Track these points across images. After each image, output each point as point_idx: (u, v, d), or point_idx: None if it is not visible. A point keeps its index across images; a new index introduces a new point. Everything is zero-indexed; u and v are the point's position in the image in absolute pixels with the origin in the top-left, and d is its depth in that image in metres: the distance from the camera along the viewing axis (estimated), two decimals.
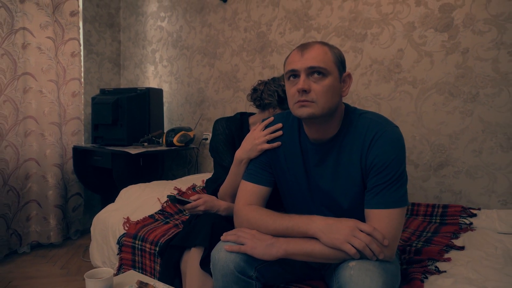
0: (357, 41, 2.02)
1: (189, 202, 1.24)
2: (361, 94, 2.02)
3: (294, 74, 1.01)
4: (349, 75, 1.05)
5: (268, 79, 1.41)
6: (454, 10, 1.74)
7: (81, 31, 2.90)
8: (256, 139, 1.15)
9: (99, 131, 2.55)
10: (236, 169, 1.21)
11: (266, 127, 1.18)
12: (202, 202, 1.24)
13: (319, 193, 1.12)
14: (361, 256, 0.92)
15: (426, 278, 1.14)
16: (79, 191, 2.79)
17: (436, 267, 1.22)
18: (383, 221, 0.95)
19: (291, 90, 1.02)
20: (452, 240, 1.44)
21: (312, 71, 0.98)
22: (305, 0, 2.19)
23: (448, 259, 1.27)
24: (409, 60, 1.87)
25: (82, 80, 2.84)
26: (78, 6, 2.75)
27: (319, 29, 2.14)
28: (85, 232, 2.91)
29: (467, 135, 1.74)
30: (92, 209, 3.03)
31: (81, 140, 2.79)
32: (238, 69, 2.50)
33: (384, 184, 0.97)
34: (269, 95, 1.34)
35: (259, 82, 1.43)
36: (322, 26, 2.12)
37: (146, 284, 1.05)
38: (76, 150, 2.63)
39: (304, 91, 0.98)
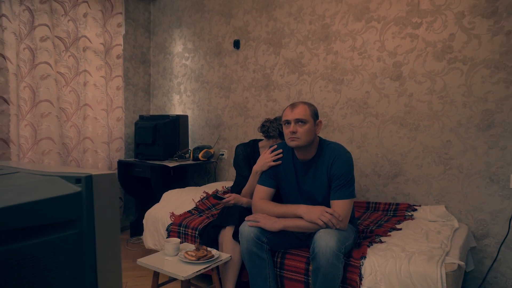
0: (337, 84, 2.75)
1: (224, 198, 1.96)
2: (340, 123, 2.75)
3: (287, 122, 1.74)
4: (320, 121, 1.78)
5: (272, 119, 2.14)
6: (402, 66, 2.48)
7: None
8: (266, 159, 1.87)
9: (140, 149, 3.28)
10: (253, 178, 1.93)
11: (272, 151, 1.91)
12: (232, 198, 1.96)
13: (304, 192, 1.84)
14: (327, 227, 1.63)
15: (372, 245, 1.85)
16: (120, 195, 3.50)
17: (380, 239, 1.92)
18: (339, 206, 1.67)
19: (286, 131, 1.75)
20: (395, 225, 2.15)
21: (298, 120, 1.71)
22: (299, 52, 2.93)
23: (389, 235, 1.98)
24: (373, 99, 2.60)
25: (123, 107, 3.57)
26: (122, 50, 3.51)
27: (309, 74, 2.88)
28: (124, 229, 3.61)
29: (413, 154, 2.46)
30: (128, 211, 3.74)
31: (122, 155, 3.51)
32: (248, 101, 3.24)
33: (340, 185, 1.69)
34: (273, 130, 2.07)
35: (266, 119, 2.16)
36: (312, 72, 2.86)
37: (202, 245, 1.76)
38: (120, 163, 3.35)
39: (293, 132, 1.71)
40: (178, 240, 1.81)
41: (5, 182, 0.79)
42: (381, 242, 1.89)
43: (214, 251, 1.78)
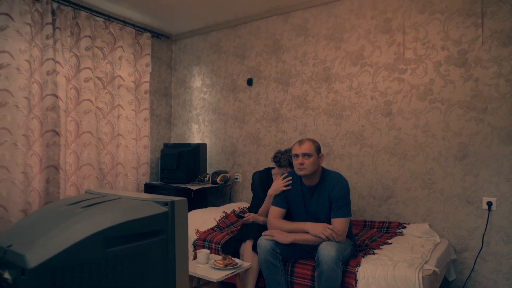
0: (337, 118, 3.21)
1: (244, 217, 2.39)
2: (340, 152, 3.19)
3: (296, 155, 2.19)
4: (323, 155, 2.23)
5: (283, 151, 2.59)
6: (392, 104, 2.94)
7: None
8: (279, 185, 2.31)
9: (165, 173, 3.73)
10: (268, 200, 2.37)
11: (284, 178, 2.35)
12: (251, 217, 2.39)
13: (309, 212, 2.27)
14: (328, 240, 2.05)
15: (366, 255, 2.26)
16: None
17: (373, 251, 2.33)
18: (338, 223, 2.09)
19: (295, 162, 2.20)
20: (387, 240, 2.56)
21: (304, 154, 2.16)
22: (304, 90, 3.41)
23: (381, 248, 2.39)
24: (368, 132, 3.05)
25: (149, 136, 4.05)
26: (149, 86, 4.02)
27: (313, 109, 3.34)
28: None
29: (402, 179, 2.88)
30: None
31: (148, 178, 3.96)
32: (260, 131, 3.70)
33: (338, 206, 2.12)
34: (284, 160, 2.52)
35: (278, 151, 2.61)
36: (315, 108, 3.33)
37: (227, 255, 2.18)
38: (147, 185, 3.80)
39: (301, 164, 2.15)
40: (208, 251, 2.24)
41: (118, 205, 1.22)
42: (374, 253, 2.30)
43: (237, 260, 2.19)
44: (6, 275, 0.99)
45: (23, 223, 1.18)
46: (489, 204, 2.52)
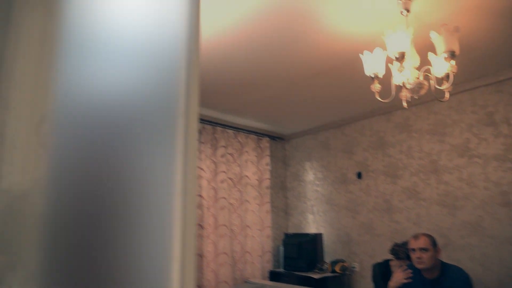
0: (451, 209, 3.30)
1: None
2: (459, 243, 3.21)
3: (413, 249, 2.41)
4: (439, 248, 2.41)
5: (400, 243, 2.81)
6: (509, 194, 2.96)
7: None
8: (399, 277, 2.51)
9: (287, 261, 4.14)
10: None
11: (404, 271, 2.55)
12: None
13: None
14: None
15: None
16: None
17: None
18: None
19: (413, 256, 2.41)
20: None
21: (421, 249, 2.37)
22: (413, 181, 3.63)
23: None
24: (487, 222, 3.06)
25: (271, 226, 4.59)
26: (269, 182, 4.68)
27: (425, 200, 3.50)
28: None
29: None
30: None
31: (271, 266, 4.39)
32: (373, 221, 3.93)
33: None
34: (402, 252, 2.73)
35: (395, 244, 2.84)
36: (427, 198, 3.49)
37: None
38: (272, 273, 4.22)
39: (419, 258, 2.36)
40: None
41: None
42: None
43: None
44: None
45: None
46: None
